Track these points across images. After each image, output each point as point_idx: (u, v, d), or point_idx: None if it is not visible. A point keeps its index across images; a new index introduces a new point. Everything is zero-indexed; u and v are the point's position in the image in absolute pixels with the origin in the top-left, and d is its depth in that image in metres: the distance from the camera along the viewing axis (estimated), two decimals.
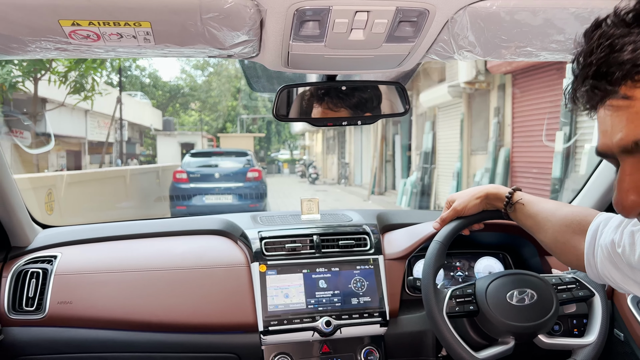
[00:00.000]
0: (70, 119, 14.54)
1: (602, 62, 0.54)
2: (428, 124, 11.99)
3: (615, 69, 0.53)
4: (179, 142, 25.06)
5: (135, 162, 20.03)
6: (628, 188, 0.58)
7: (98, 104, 12.02)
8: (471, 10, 0.82)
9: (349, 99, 1.18)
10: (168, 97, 25.49)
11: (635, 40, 0.52)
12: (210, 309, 1.40)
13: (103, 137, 16.28)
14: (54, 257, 1.46)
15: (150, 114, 23.20)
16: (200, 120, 30.34)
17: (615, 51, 0.54)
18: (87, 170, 10.32)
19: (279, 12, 0.80)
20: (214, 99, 28.53)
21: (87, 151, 16.62)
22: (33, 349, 1.37)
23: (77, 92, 9.16)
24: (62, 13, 0.77)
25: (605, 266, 0.98)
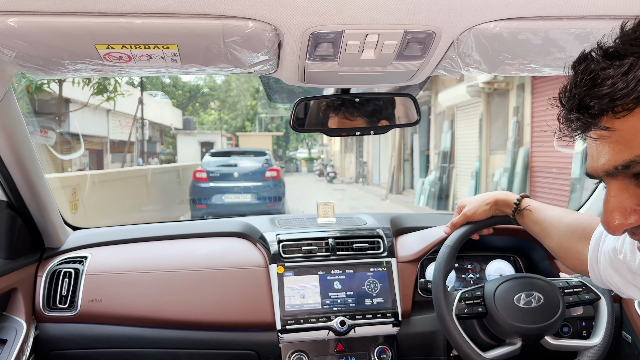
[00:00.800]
0: (93, 118, 14.85)
1: (584, 95, 0.58)
2: (447, 123, 11.95)
3: (595, 103, 0.57)
4: (198, 140, 25.36)
5: (156, 160, 20.33)
6: (613, 209, 0.62)
7: (120, 104, 12.27)
8: (475, 32, 0.88)
9: (362, 110, 1.24)
10: (188, 96, 25.81)
11: (614, 75, 0.56)
12: (231, 308, 1.48)
13: (124, 136, 16.57)
14: (84, 258, 1.55)
15: (170, 113, 23.51)
16: (220, 119, 30.63)
17: (595, 85, 0.57)
18: (110, 170, 10.54)
19: (295, 35, 0.86)
20: (233, 98, 28.78)
21: (109, 150, 16.93)
22: (66, 344, 1.46)
23: (100, 93, 9.39)
24: (98, 38, 0.84)
25: (607, 271, 1.02)
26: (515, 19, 0.85)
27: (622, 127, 0.57)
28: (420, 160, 14.35)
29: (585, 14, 0.85)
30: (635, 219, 0.60)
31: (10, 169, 1.24)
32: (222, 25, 0.83)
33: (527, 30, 0.88)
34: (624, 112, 0.56)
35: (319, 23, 0.83)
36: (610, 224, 0.62)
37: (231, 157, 10.83)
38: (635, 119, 0.56)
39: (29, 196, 1.36)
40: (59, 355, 1.47)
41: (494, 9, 0.82)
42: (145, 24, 0.81)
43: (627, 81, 0.55)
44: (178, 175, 11.88)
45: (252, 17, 0.82)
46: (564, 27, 0.87)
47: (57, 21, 0.79)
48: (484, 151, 10.06)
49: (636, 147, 0.56)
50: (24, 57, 0.89)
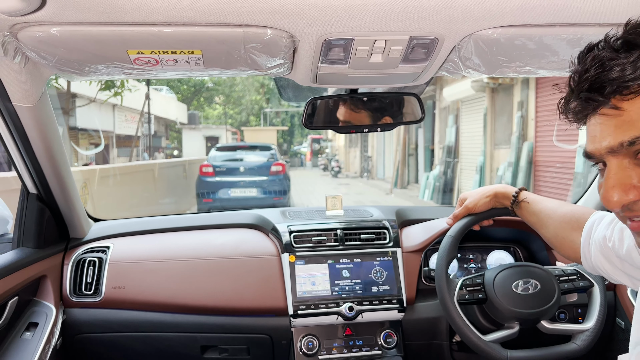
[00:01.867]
0: (99, 113, 14.95)
1: (596, 78, 0.66)
2: (451, 117, 11.98)
3: (607, 84, 0.65)
4: (203, 135, 25.45)
5: (162, 155, 20.44)
6: (613, 184, 0.66)
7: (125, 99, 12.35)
8: (475, 37, 0.96)
9: (369, 108, 1.32)
10: (193, 91, 25.88)
11: (622, 63, 0.64)
12: (245, 295, 1.57)
13: (130, 130, 16.66)
14: (107, 248, 1.64)
15: (175, 108, 23.59)
16: (225, 113, 30.69)
17: (605, 70, 0.65)
18: (118, 165, 10.64)
19: (310, 41, 0.95)
20: (237, 93, 28.83)
21: (115, 144, 17.04)
22: (91, 328, 1.56)
23: (108, 89, 9.47)
24: (130, 45, 0.93)
25: (598, 259, 1.10)
26: (511, 26, 0.93)
27: (629, 108, 0.64)
28: (425, 154, 14.39)
29: (576, 22, 0.92)
30: (635, 194, 0.66)
31: (42, 164, 1.33)
32: (243, 33, 0.91)
33: (522, 37, 0.96)
34: (631, 94, 0.64)
35: (331, 31, 0.91)
36: (610, 199, 0.67)
37: (237, 152, 10.92)
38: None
39: (57, 189, 1.45)
40: (85, 339, 1.56)
41: (492, 18, 0.89)
42: (173, 32, 0.89)
43: (635, 67, 0.62)
44: (184, 170, 11.99)
45: (270, 26, 0.90)
46: (556, 33, 0.95)
47: (95, 30, 0.87)
48: (489, 146, 10.10)
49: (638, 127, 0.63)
50: (62, 62, 0.97)
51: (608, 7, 0.87)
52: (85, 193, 6.54)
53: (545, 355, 1.38)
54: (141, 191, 9.21)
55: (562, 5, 0.86)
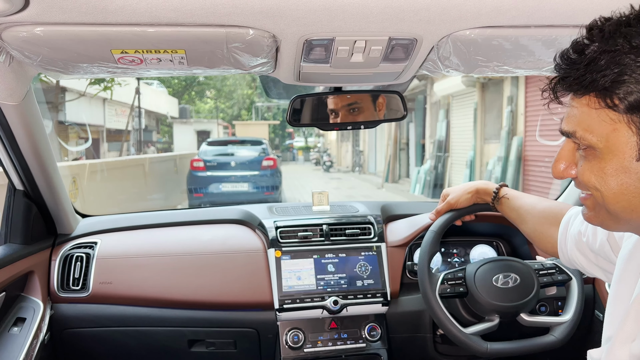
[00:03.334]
0: (89, 107, 14.84)
1: (562, 73, 0.72)
2: (442, 112, 12.04)
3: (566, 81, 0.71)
4: (195, 129, 25.34)
5: (153, 149, 20.32)
6: (560, 157, 0.78)
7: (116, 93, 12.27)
8: (453, 38, 0.98)
9: (353, 106, 1.34)
10: (184, 85, 25.73)
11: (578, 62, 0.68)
12: (232, 289, 1.59)
13: (120, 125, 16.55)
14: (94, 243, 1.65)
15: (166, 102, 23.45)
16: (216, 108, 30.56)
17: (570, 68, 0.70)
18: (108, 159, 10.59)
19: (291, 41, 0.97)
20: (229, 87, 28.71)
21: (105, 139, 16.93)
22: (79, 323, 1.57)
23: (97, 83, 9.42)
24: (113, 44, 0.94)
25: (574, 253, 1.13)
26: (488, 27, 0.95)
27: (576, 105, 0.72)
28: (416, 149, 14.45)
29: (550, 24, 0.95)
30: (575, 171, 0.76)
31: (29, 161, 1.34)
32: (226, 33, 0.93)
33: (499, 37, 0.98)
34: (580, 95, 0.71)
35: (312, 31, 0.93)
36: (557, 169, 0.78)
37: (228, 147, 10.89)
38: (584, 102, 0.70)
39: (44, 186, 1.46)
40: (72, 333, 1.58)
41: (469, 19, 0.92)
42: (157, 32, 0.91)
43: (586, 70, 0.68)
44: (175, 165, 11.95)
45: (252, 26, 0.91)
46: (531, 34, 0.97)
47: (79, 30, 0.89)
48: (479, 140, 10.17)
49: (576, 124, 0.72)
50: (46, 61, 0.99)
51: (581, 8, 0.89)
52: (75, 188, 6.51)
53: (523, 347, 1.42)
54: (131, 186, 9.18)
55: (536, 8, 0.89)
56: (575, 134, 0.72)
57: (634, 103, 0.65)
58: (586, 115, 0.70)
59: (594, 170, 0.72)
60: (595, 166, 0.72)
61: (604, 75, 0.66)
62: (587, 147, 0.72)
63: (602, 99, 0.68)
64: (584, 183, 0.75)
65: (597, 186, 0.73)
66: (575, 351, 1.59)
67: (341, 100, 1.34)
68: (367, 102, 1.37)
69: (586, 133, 0.71)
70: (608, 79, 0.66)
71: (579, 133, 0.71)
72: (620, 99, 0.66)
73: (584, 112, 0.70)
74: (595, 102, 0.69)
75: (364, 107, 1.36)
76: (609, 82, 0.66)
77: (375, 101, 1.37)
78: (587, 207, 0.80)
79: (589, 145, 0.71)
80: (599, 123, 0.69)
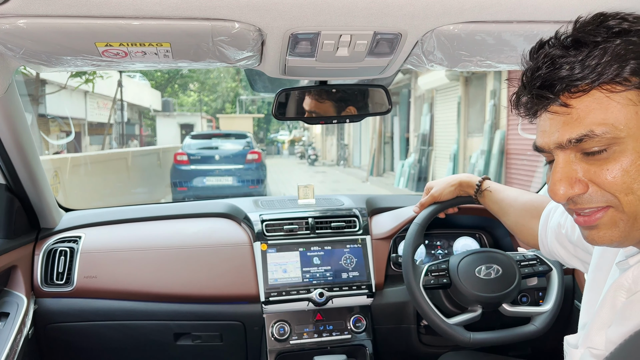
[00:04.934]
0: (70, 100, 14.61)
1: (547, 76, 0.69)
2: (426, 106, 12.10)
3: (557, 82, 0.68)
4: (178, 122, 25.08)
5: (135, 143, 20.08)
6: (560, 178, 0.69)
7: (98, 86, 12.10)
8: (437, 33, 0.99)
9: (339, 100, 1.35)
10: (167, 78, 25.42)
11: (571, 62, 0.67)
12: (218, 283, 1.59)
13: (102, 118, 16.33)
14: (78, 238, 1.64)
15: (149, 95, 23.16)
16: (200, 101, 30.27)
17: (556, 68, 0.68)
18: (90, 153, 10.46)
19: (277, 35, 0.97)
20: (213, 80, 28.46)
21: (86, 132, 16.69)
22: (63, 317, 1.57)
23: (79, 76, 9.27)
24: (98, 37, 0.94)
25: (554, 244, 1.16)
26: (471, 22, 0.97)
27: (577, 105, 0.67)
28: (400, 142, 14.51)
29: (532, 19, 0.97)
30: (579, 188, 0.69)
31: (11, 154, 1.33)
32: (211, 26, 0.93)
33: (482, 32, 1.00)
34: (579, 93, 0.67)
35: (298, 25, 0.93)
36: (556, 192, 0.70)
37: (212, 140, 10.81)
38: (589, 99, 0.67)
39: (26, 180, 1.44)
40: (57, 328, 1.57)
41: (452, 14, 0.93)
42: (141, 25, 0.90)
43: (583, 67, 0.66)
44: (159, 158, 11.84)
45: (238, 20, 0.92)
46: (514, 29, 0.99)
47: (62, 22, 0.88)
48: (462, 134, 10.25)
49: (589, 124, 0.66)
50: (29, 54, 0.98)
51: (561, 5, 0.91)
52: (57, 182, 6.42)
53: (505, 336, 1.45)
54: (114, 180, 9.08)
55: (518, 3, 0.90)
56: (591, 133, 0.65)
57: None
58: (597, 108, 0.66)
59: (624, 167, 0.65)
60: (625, 162, 0.65)
61: (617, 57, 0.64)
62: (602, 149, 0.66)
63: (617, 84, 0.65)
64: (609, 190, 0.67)
65: (632, 185, 0.65)
66: (555, 340, 1.63)
67: (327, 93, 1.35)
68: (352, 97, 1.37)
69: (605, 127, 0.65)
70: (621, 60, 0.64)
71: (597, 130, 0.65)
72: (637, 74, 0.64)
73: (595, 107, 0.66)
74: (607, 89, 0.65)
75: (349, 100, 1.37)
76: (623, 64, 0.64)
77: (360, 95, 1.38)
78: (602, 226, 0.70)
79: (611, 140, 0.65)
80: (619, 110, 0.65)
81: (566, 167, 0.70)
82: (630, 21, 0.67)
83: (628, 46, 0.65)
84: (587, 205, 0.70)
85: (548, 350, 1.79)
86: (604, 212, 0.69)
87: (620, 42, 0.65)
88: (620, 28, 0.66)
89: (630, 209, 0.67)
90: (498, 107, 8.86)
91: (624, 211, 0.67)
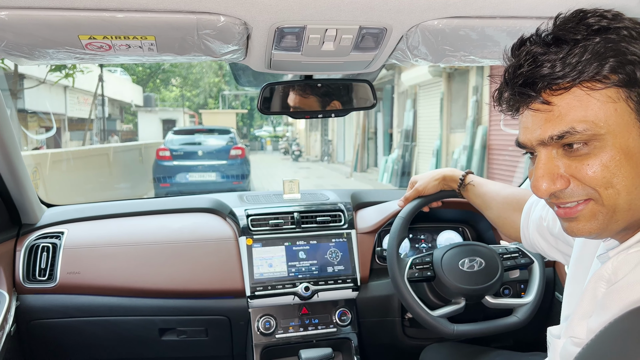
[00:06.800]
0: (49, 95, 14.36)
1: (529, 74, 0.69)
2: (409, 102, 12.16)
3: (538, 80, 0.69)
4: (160, 118, 24.83)
5: (116, 138, 19.81)
6: (542, 174, 0.71)
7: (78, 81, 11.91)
8: (422, 28, 1.00)
9: (324, 95, 1.35)
10: (148, 73, 25.10)
11: (552, 59, 0.68)
12: (203, 278, 1.59)
13: (83, 113, 16.10)
14: (61, 233, 1.62)
15: (130, 90, 22.88)
16: (182, 96, 29.97)
17: (537, 66, 0.69)
18: (70, 149, 10.30)
19: (263, 29, 0.97)
20: (195, 75, 28.19)
21: (67, 128, 16.43)
22: (46, 314, 1.55)
23: (58, 70, 9.11)
24: (81, 30, 0.93)
25: (535, 237, 1.18)
26: (455, 17, 0.98)
27: (559, 103, 0.68)
28: (384, 138, 14.56)
29: (515, 15, 0.98)
30: (561, 183, 0.71)
31: None
32: (197, 20, 0.92)
33: (466, 27, 1.01)
34: (560, 90, 0.68)
35: (284, 19, 0.93)
36: (539, 188, 0.71)
37: (195, 136, 10.71)
38: (570, 97, 0.68)
39: (7, 175, 1.42)
40: (39, 325, 1.55)
41: (437, 9, 0.94)
42: (126, 18, 0.89)
43: (564, 65, 0.67)
44: (140, 154, 11.71)
45: (223, 13, 0.91)
46: (497, 25, 1.00)
47: (45, 15, 0.86)
48: (445, 130, 10.33)
49: (570, 121, 0.67)
50: (11, 46, 0.96)
51: (543, 1, 0.93)
52: (37, 178, 6.32)
53: (488, 328, 1.47)
54: (95, 176, 8.97)
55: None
56: (572, 130, 0.67)
57: (631, 74, 0.65)
58: (578, 105, 0.67)
59: (604, 163, 0.67)
60: (605, 158, 0.67)
61: (597, 55, 0.65)
62: (582, 144, 0.67)
63: (596, 82, 0.66)
64: (590, 185, 0.68)
65: (611, 179, 0.67)
66: (536, 331, 1.67)
67: (312, 88, 1.35)
68: (337, 91, 1.38)
69: (585, 124, 0.66)
70: (601, 58, 0.65)
71: (578, 127, 0.66)
72: (616, 72, 0.65)
73: (575, 104, 0.67)
74: (588, 87, 0.66)
75: (335, 95, 1.37)
76: (602, 62, 0.65)
77: (345, 90, 1.39)
78: (581, 218, 0.72)
79: (591, 136, 0.66)
80: (599, 107, 0.66)
81: (548, 163, 0.71)
82: (609, 19, 0.68)
83: (607, 44, 0.66)
84: (569, 199, 0.71)
85: (529, 341, 1.83)
86: (585, 205, 0.71)
87: (600, 40, 0.66)
88: (600, 26, 0.67)
89: (609, 202, 0.68)
90: (480, 103, 8.94)
91: (603, 204, 0.69)
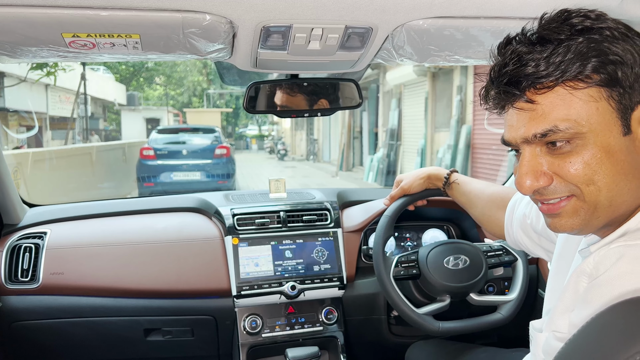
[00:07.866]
0: (30, 93, 14.14)
1: (514, 73, 0.71)
2: (394, 101, 12.22)
3: (523, 79, 0.70)
4: (144, 117, 24.61)
5: (96, 137, 19.54)
6: (526, 171, 0.72)
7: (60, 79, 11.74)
8: (407, 27, 1.01)
9: (310, 94, 1.36)
10: (132, 71, 24.83)
11: (536, 58, 0.69)
12: (189, 277, 1.58)
13: (65, 112, 15.88)
14: (44, 233, 1.60)
15: (113, 89, 22.62)
16: (166, 95, 29.72)
17: (522, 65, 0.70)
18: (52, 148, 10.16)
19: (249, 28, 0.97)
20: (179, 73, 27.98)
21: (48, 127, 16.19)
22: (29, 315, 1.53)
23: (39, 68, 8.97)
24: (65, 27, 0.91)
25: (519, 234, 1.20)
26: (440, 17, 0.99)
27: (542, 101, 0.70)
28: (369, 137, 14.61)
29: (499, 15, 0.99)
30: (544, 180, 0.72)
31: None
32: (182, 18, 0.92)
33: (451, 27, 1.02)
34: (544, 89, 0.69)
35: (270, 18, 0.93)
36: (523, 185, 0.73)
37: (179, 135, 10.62)
38: (553, 95, 0.69)
39: None
40: (22, 326, 1.53)
41: (422, 9, 0.95)
42: (110, 16, 0.88)
43: (547, 64, 0.68)
44: (124, 153, 11.58)
45: (209, 12, 0.91)
46: (481, 25, 1.02)
47: (28, 12, 0.85)
48: (429, 129, 10.40)
49: (553, 119, 0.69)
50: None
51: (527, 1, 0.94)
52: (17, 178, 6.22)
53: (473, 324, 1.49)
54: (78, 175, 8.85)
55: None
56: (555, 128, 0.68)
57: (612, 74, 0.67)
58: (561, 104, 0.68)
59: (585, 160, 0.68)
60: (587, 155, 0.68)
61: (580, 55, 0.66)
62: (565, 142, 0.69)
63: (579, 81, 0.67)
64: (572, 182, 0.70)
65: (593, 177, 0.69)
66: (520, 327, 1.69)
67: (298, 87, 1.35)
68: (323, 90, 1.38)
69: (568, 123, 0.68)
70: (583, 58, 0.66)
71: (561, 126, 0.68)
72: (598, 72, 0.67)
73: (558, 103, 0.69)
74: (571, 86, 0.68)
75: (321, 94, 1.38)
76: (585, 62, 0.66)
77: (331, 89, 1.39)
78: (564, 214, 0.73)
79: (574, 134, 0.68)
80: (581, 106, 0.68)
81: (532, 161, 0.72)
82: (592, 19, 0.69)
83: (590, 44, 0.68)
84: (552, 196, 0.73)
85: (513, 337, 1.85)
86: (567, 201, 0.72)
87: (583, 40, 0.68)
88: (583, 26, 0.69)
89: (591, 198, 0.70)
90: (464, 103, 9.01)
91: (585, 200, 0.71)
